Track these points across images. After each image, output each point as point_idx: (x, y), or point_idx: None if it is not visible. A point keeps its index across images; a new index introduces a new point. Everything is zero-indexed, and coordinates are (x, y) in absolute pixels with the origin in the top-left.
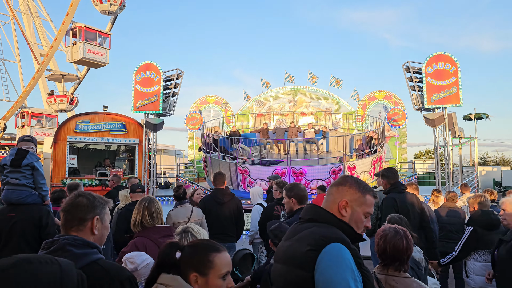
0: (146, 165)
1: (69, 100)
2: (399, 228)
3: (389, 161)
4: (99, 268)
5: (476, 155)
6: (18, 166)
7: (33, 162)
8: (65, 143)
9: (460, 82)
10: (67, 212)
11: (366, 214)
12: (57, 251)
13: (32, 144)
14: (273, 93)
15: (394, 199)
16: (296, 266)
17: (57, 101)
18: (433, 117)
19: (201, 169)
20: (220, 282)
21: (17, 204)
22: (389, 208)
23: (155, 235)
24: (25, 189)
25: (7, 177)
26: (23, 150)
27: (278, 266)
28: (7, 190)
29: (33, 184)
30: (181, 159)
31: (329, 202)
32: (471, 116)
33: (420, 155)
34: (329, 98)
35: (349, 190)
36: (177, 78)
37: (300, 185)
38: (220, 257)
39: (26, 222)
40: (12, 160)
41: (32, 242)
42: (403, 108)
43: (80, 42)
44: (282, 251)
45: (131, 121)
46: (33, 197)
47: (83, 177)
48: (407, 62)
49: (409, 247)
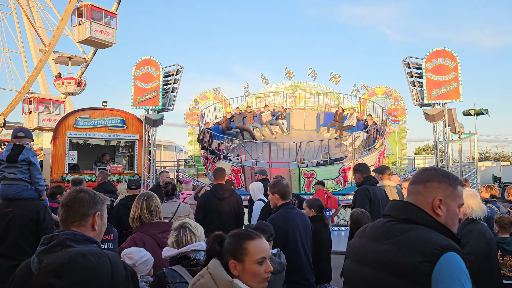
0: (145, 161)
1: (76, 82)
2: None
3: (388, 156)
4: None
5: (476, 150)
6: (15, 162)
7: (29, 157)
8: (65, 139)
9: (460, 78)
10: (69, 207)
11: (460, 205)
12: (57, 246)
13: (26, 139)
14: (273, 88)
15: (368, 189)
16: (402, 277)
17: (65, 83)
18: (433, 113)
19: (201, 165)
20: (256, 268)
21: (14, 199)
22: (363, 197)
23: (154, 231)
24: (22, 184)
25: (4, 172)
26: (19, 146)
27: (363, 269)
28: (3, 185)
29: (29, 179)
30: (181, 154)
31: (420, 203)
32: (471, 112)
33: (420, 150)
34: (329, 93)
35: (439, 185)
36: (176, 74)
37: (283, 181)
38: (254, 244)
39: (23, 217)
40: (8, 155)
41: (29, 237)
42: (403, 104)
43: (86, 21)
44: (369, 252)
45: (131, 116)
46: (29, 192)
47: (83, 172)
48: (407, 58)
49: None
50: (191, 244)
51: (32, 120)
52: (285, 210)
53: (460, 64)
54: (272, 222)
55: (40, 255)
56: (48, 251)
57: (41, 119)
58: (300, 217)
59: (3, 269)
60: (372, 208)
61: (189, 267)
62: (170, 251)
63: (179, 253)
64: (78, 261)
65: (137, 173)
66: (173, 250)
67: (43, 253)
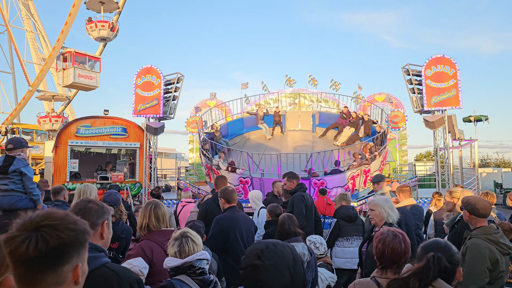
0: (147, 169)
1: (110, 26)
2: (397, 231)
3: (389, 163)
4: (109, 271)
5: (476, 157)
6: (6, 173)
7: (20, 168)
8: (66, 147)
9: (459, 85)
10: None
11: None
12: None
13: (17, 150)
14: (273, 96)
15: (303, 195)
16: None
17: (98, 26)
18: (432, 120)
19: (202, 172)
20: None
21: (11, 210)
22: (299, 202)
23: (161, 238)
24: (15, 194)
25: None
26: (10, 157)
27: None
28: None
29: (23, 189)
30: (182, 162)
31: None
32: (471, 118)
33: (420, 157)
34: (329, 100)
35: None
36: (177, 82)
37: (229, 188)
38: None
39: None
40: (0, 167)
41: None
42: (403, 111)
43: (70, 67)
44: None
45: (132, 125)
46: (24, 202)
47: (84, 180)
48: (407, 65)
49: (407, 250)
50: (195, 253)
51: (67, 77)
52: (230, 212)
53: (459, 71)
54: (217, 221)
55: None
56: None
57: (76, 74)
58: (244, 218)
59: None
60: (305, 212)
61: (194, 276)
62: (174, 261)
63: (184, 262)
64: (272, 248)
65: (138, 181)
66: (177, 260)
67: None
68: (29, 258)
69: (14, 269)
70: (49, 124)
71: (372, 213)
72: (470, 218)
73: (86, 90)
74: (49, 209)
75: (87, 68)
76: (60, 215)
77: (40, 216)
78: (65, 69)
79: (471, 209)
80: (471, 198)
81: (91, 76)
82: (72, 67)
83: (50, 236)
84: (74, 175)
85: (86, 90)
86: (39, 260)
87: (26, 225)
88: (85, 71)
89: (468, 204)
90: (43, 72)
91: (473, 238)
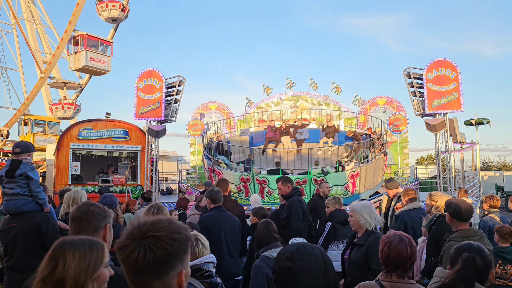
0: (148, 172)
1: (121, 6)
2: (403, 235)
3: (391, 166)
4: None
5: (478, 160)
6: (12, 177)
7: (26, 172)
8: (68, 150)
9: (460, 88)
10: (82, 220)
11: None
12: None
13: (24, 154)
14: (274, 99)
15: (300, 200)
16: None
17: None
18: (434, 123)
19: (203, 175)
20: None
21: (17, 214)
22: (297, 207)
23: None
24: (21, 198)
25: (5, 188)
26: (16, 161)
27: None
28: (5, 201)
29: (29, 192)
30: (183, 165)
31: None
32: (472, 122)
33: (422, 160)
34: (331, 104)
35: None
36: (179, 85)
37: (215, 189)
38: None
39: (26, 230)
40: (6, 171)
41: (35, 250)
42: (404, 114)
43: (82, 50)
44: None
45: (134, 127)
46: (30, 205)
47: (86, 183)
48: (408, 68)
49: (413, 254)
50: (203, 256)
51: (78, 60)
52: (215, 211)
53: (460, 74)
54: (201, 220)
55: None
56: None
57: (88, 57)
58: (229, 218)
59: (15, 282)
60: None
61: (202, 279)
62: None
63: (193, 265)
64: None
65: (139, 184)
66: None
67: None
68: (139, 266)
69: (127, 274)
70: (62, 112)
71: (351, 219)
72: (451, 221)
73: (97, 74)
74: (155, 218)
75: (99, 52)
76: (165, 225)
77: (147, 226)
78: (77, 52)
79: (452, 212)
80: (453, 201)
81: (103, 60)
82: (83, 50)
83: (156, 247)
84: (76, 178)
85: (97, 74)
86: (147, 268)
87: (134, 234)
88: (97, 54)
89: (449, 207)
90: (55, 57)
91: (451, 241)
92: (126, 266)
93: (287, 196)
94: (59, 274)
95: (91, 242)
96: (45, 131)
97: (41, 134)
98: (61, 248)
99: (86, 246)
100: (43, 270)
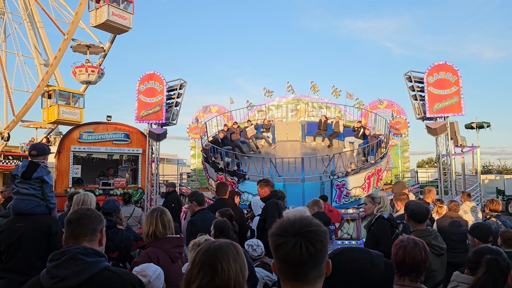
0: (149, 175)
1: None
2: (417, 240)
3: (391, 169)
4: (111, 273)
5: (478, 163)
6: (28, 179)
7: (43, 176)
8: (69, 153)
9: (461, 92)
10: (79, 222)
11: None
12: (70, 260)
13: (40, 158)
14: (275, 102)
15: (277, 203)
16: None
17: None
18: (435, 126)
19: (204, 178)
20: None
21: (25, 214)
22: (273, 209)
23: (167, 245)
24: (34, 199)
25: (17, 187)
26: (34, 163)
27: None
28: (16, 200)
29: (41, 195)
30: (184, 168)
31: None
32: (473, 125)
33: (422, 163)
34: (331, 107)
35: None
36: (180, 88)
37: (199, 192)
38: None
39: (34, 231)
40: (24, 172)
41: (40, 252)
42: (405, 117)
43: (104, 4)
44: None
45: (135, 130)
46: (41, 208)
47: (87, 186)
48: (409, 72)
49: (427, 258)
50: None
51: (100, 15)
52: (202, 214)
53: (461, 78)
54: (191, 223)
55: (52, 270)
56: (59, 266)
57: (110, 12)
58: (214, 219)
59: (14, 283)
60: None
61: None
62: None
63: None
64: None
65: (140, 187)
66: None
67: (55, 268)
68: (303, 260)
69: (285, 269)
70: (85, 75)
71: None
72: (409, 222)
73: (119, 32)
74: (297, 216)
75: (121, 8)
76: (312, 221)
77: (298, 223)
78: (99, 8)
79: (409, 214)
80: (411, 203)
81: (125, 16)
82: (106, 4)
83: (315, 240)
84: (77, 181)
85: (119, 32)
86: (311, 260)
87: (288, 231)
88: (119, 10)
89: (407, 209)
90: (78, 14)
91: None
92: (286, 261)
93: (264, 199)
94: (221, 279)
95: (232, 244)
96: (69, 103)
97: (66, 106)
98: (215, 254)
99: (232, 249)
100: (202, 278)
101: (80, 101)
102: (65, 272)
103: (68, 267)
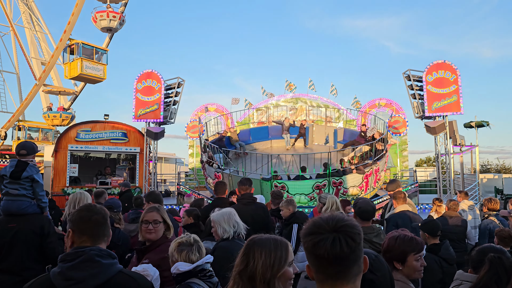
0: (146, 174)
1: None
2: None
3: (390, 169)
4: (127, 277)
5: (477, 163)
6: (18, 178)
7: (32, 175)
8: (66, 152)
9: (460, 90)
10: (103, 224)
11: None
12: (86, 262)
13: (29, 157)
14: (273, 101)
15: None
16: None
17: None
18: (434, 125)
19: (202, 177)
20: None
21: (17, 215)
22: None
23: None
24: (25, 200)
25: (7, 188)
26: (23, 162)
27: None
28: (6, 201)
29: (32, 195)
30: (182, 167)
31: None
32: (472, 124)
33: (421, 162)
34: (330, 106)
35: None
36: (178, 87)
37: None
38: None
39: (28, 231)
40: (12, 172)
41: (33, 252)
42: (404, 116)
43: (77, 58)
44: None
45: (132, 129)
46: (33, 207)
47: (84, 185)
48: (408, 70)
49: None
50: (204, 257)
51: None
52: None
53: (460, 77)
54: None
55: (66, 272)
56: (74, 267)
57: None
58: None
59: (7, 284)
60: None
61: (206, 279)
62: (187, 265)
63: (196, 266)
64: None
65: (138, 186)
66: (189, 264)
67: (70, 270)
68: (344, 255)
69: (326, 267)
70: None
71: (213, 229)
72: (356, 219)
73: (93, 82)
74: (329, 214)
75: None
76: (345, 216)
77: (332, 219)
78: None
79: (356, 212)
80: (360, 201)
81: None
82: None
83: (353, 234)
84: (74, 180)
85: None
86: (349, 255)
87: (325, 228)
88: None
89: (355, 206)
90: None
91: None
92: (328, 259)
93: (238, 198)
94: (251, 269)
95: (276, 241)
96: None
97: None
98: (252, 245)
99: (272, 245)
100: (239, 264)
101: (104, 57)
102: (81, 274)
103: (84, 269)
